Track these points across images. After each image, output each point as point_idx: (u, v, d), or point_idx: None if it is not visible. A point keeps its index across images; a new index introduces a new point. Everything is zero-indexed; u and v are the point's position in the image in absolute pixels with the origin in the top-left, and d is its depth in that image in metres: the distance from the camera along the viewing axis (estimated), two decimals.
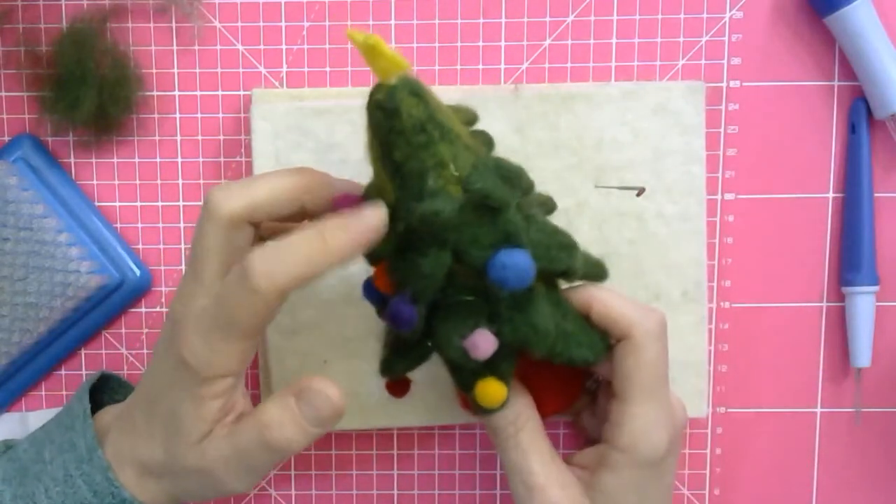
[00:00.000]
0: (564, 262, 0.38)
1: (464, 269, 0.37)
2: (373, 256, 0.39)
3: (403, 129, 0.35)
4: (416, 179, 0.35)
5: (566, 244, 0.39)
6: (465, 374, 0.39)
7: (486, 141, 0.40)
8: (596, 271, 0.41)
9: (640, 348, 0.39)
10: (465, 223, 0.36)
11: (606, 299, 0.40)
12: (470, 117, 0.41)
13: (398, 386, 0.43)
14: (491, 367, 0.38)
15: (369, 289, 0.40)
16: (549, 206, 0.42)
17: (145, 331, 0.50)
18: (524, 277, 0.36)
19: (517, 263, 0.35)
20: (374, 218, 0.36)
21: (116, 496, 0.39)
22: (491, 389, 0.39)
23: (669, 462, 0.41)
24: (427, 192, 0.35)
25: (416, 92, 0.35)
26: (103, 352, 0.50)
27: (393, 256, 0.37)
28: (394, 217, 0.36)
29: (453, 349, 0.37)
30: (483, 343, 0.37)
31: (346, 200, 0.38)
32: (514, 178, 0.38)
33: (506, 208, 0.36)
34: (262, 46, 0.49)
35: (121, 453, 0.40)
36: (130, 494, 0.39)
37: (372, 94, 0.35)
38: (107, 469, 0.39)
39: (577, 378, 0.43)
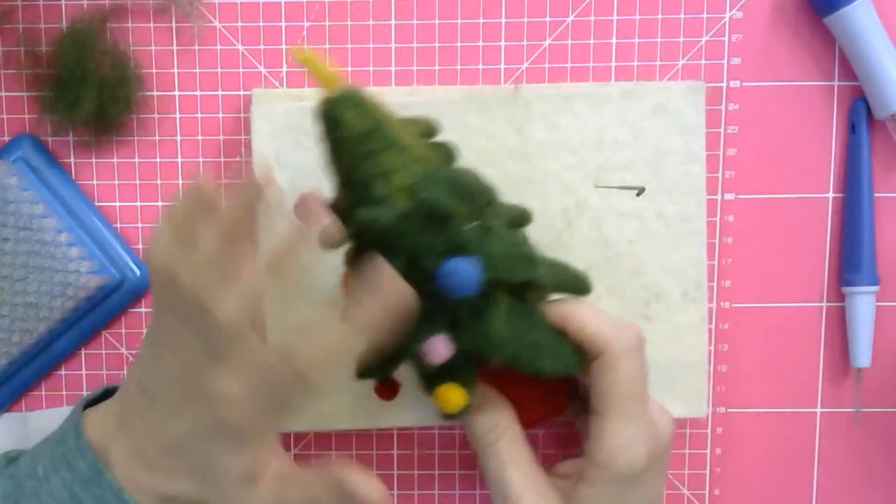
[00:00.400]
0: (523, 274, 0.39)
1: (426, 277, 0.37)
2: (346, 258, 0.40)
3: (346, 139, 0.37)
4: (362, 188, 0.37)
5: (526, 256, 0.39)
6: (427, 379, 0.40)
7: (447, 152, 0.41)
8: (577, 285, 0.41)
9: (615, 365, 0.39)
10: (415, 231, 0.37)
11: (582, 315, 0.40)
12: (428, 129, 0.41)
13: (386, 389, 0.43)
14: (450, 373, 0.39)
15: None
16: (522, 218, 0.42)
17: (145, 331, 0.50)
18: (470, 285, 0.36)
19: (463, 271, 0.36)
20: (396, 289, 0.36)
21: None
22: (449, 395, 0.39)
23: (652, 475, 0.41)
24: (373, 201, 0.37)
25: (358, 104, 0.37)
26: (103, 352, 0.50)
27: (351, 262, 0.39)
28: (348, 224, 0.38)
29: (410, 354, 0.39)
30: (436, 349, 0.38)
31: (310, 200, 0.39)
32: (467, 188, 0.38)
33: (454, 218, 0.37)
34: (262, 46, 0.49)
35: (138, 485, 0.38)
36: None
37: (318, 106, 0.37)
38: (120, 490, 0.38)
39: (560, 388, 0.43)
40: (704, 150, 0.47)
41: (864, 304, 0.49)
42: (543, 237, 0.47)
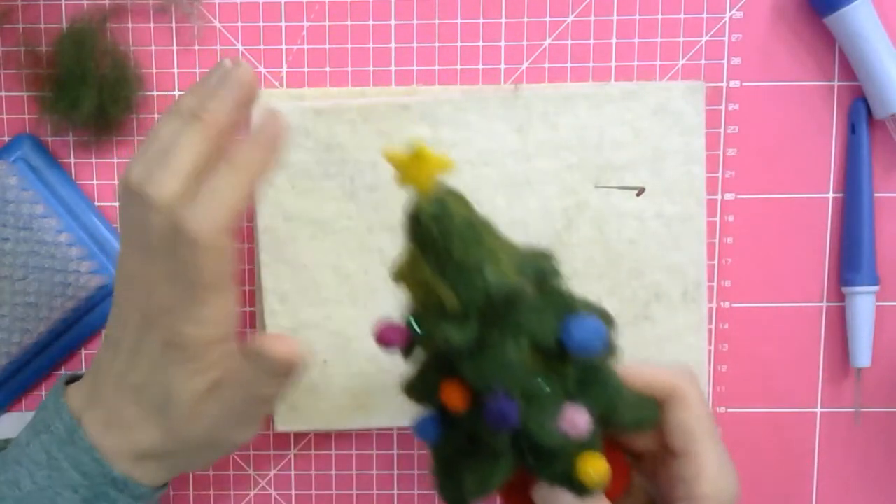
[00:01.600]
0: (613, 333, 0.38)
1: (551, 343, 0.37)
2: (427, 386, 0.39)
3: (458, 227, 0.35)
4: (476, 272, 0.35)
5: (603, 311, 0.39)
6: (562, 460, 0.37)
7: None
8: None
9: (688, 400, 0.39)
10: (534, 302, 0.36)
11: (639, 369, 0.40)
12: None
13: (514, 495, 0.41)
14: (587, 442, 0.37)
15: (427, 425, 0.39)
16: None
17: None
18: (600, 339, 0.36)
19: (592, 326, 0.36)
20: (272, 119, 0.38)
21: (107, 476, 0.40)
22: (596, 464, 0.37)
23: None
24: (492, 276, 0.35)
25: (456, 192, 0.36)
26: None
27: (466, 362, 0.36)
28: (464, 321, 0.35)
29: (547, 434, 0.36)
30: (579, 418, 0.36)
31: (390, 332, 0.37)
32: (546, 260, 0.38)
33: (559, 282, 0.37)
34: (262, 46, 0.49)
35: (115, 447, 0.40)
36: (121, 472, 0.40)
37: (419, 207, 0.35)
38: (92, 449, 0.39)
39: (625, 464, 0.42)
40: (704, 150, 0.47)
41: (864, 304, 0.49)
42: (543, 237, 0.48)
